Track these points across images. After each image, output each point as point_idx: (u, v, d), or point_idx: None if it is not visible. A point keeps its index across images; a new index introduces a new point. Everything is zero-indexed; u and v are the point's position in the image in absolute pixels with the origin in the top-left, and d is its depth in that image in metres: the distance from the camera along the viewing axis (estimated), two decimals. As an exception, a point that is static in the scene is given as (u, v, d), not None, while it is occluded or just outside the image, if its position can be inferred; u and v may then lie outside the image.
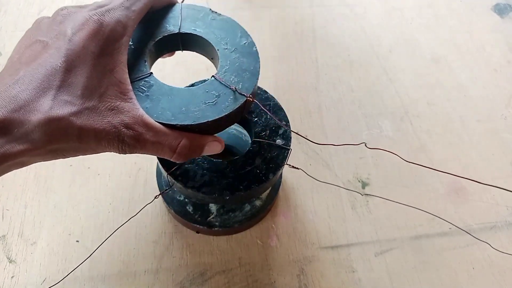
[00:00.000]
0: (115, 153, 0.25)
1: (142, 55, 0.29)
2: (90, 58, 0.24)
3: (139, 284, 0.38)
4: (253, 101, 0.29)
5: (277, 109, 0.37)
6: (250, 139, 0.39)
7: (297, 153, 0.47)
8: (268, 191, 0.42)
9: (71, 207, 0.42)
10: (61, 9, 0.26)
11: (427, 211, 0.43)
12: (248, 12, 0.59)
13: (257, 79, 0.29)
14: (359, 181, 0.46)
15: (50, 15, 0.26)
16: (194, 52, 0.33)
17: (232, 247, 0.41)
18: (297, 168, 0.36)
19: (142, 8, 0.28)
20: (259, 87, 0.36)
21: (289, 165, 0.36)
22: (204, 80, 0.37)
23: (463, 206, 0.45)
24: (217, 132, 0.30)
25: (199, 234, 0.41)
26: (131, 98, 0.26)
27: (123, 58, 0.26)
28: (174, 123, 0.26)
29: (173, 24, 0.31)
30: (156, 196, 0.35)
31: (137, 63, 0.28)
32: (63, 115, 0.22)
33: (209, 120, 0.27)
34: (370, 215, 0.43)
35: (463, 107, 0.52)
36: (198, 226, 0.39)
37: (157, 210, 0.42)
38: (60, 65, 0.23)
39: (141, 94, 0.27)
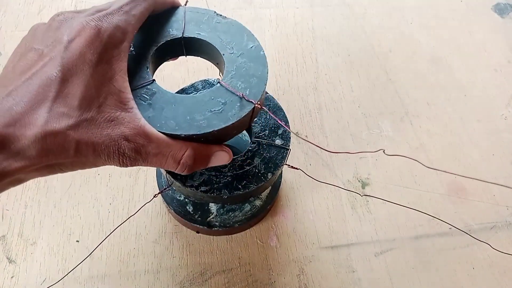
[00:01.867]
0: (116, 166, 0.24)
1: (144, 61, 0.27)
2: (87, 66, 0.23)
3: (139, 284, 0.38)
4: (261, 108, 0.28)
5: (277, 109, 0.37)
6: (249, 138, 0.39)
7: (297, 153, 0.47)
8: (268, 191, 0.42)
9: (71, 207, 0.42)
10: (57, 14, 0.25)
11: (427, 213, 0.43)
12: (248, 12, 0.59)
13: (265, 84, 0.28)
14: (359, 181, 0.46)
15: (48, 19, 0.25)
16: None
17: (232, 247, 0.41)
18: (297, 168, 0.36)
19: (143, 12, 0.26)
20: None
21: (288, 165, 0.36)
22: (206, 81, 0.37)
23: (463, 206, 0.45)
24: (224, 142, 0.29)
25: (199, 234, 0.41)
26: (131, 108, 0.24)
27: (123, 65, 0.25)
28: (178, 133, 0.25)
29: (176, 28, 0.29)
30: (155, 195, 0.35)
31: (138, 69, 0.27)
32: (59, 128, 0.21)
33: (216, 129, 0.25)
34: (370, 215, 0.43)
35: (463, 107, 0.52)
36: (198, 226, 0.39)
37: (157, 210, 0.42)
38: (55, 75, 0.22)
39: (143, 103, 0.26)
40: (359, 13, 0.60)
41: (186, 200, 0.40)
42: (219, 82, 0.28)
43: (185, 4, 0.31)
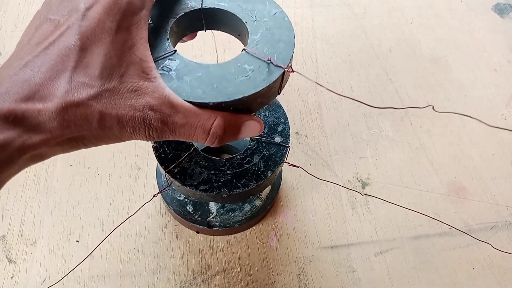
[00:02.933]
0: (142, 140, 0.23)
1: (163, 33, 0.26)
2: (107, 34, 0.21)
3: (139, 284, 0.38)
4: (293, 71, 0.26)
5: (276, 107, 0.37)
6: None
7: (297, 153, 0.47)
8: (268, 191, 0.42)
9: (71, 207, 0.42)
10: None
11: (427, 214, 0.43)
12: (248, 12, 0.59)
13: (293, 49, 0.27)
14: (359, 181, 0.46)
15: None
16: (217, 31, 0.31)
17: (232, 247, 0.41)
18: (297, 166, 0.36)
19: None
20: None
21: (288, 163, 0.36)
22: None
23: (463, 206, 0.45)
24: (254, 112, 0.27)
25: (199, 234, 0.41)
26: (155, 77, 0.23)
27: (143, 33, 0.23)
28: (206, 101, 0.24)
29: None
30: (155, 194, 0.35)
31: (158, 41, 0.26)
32: (81, 99, 0.20)
33: (245, 95, 0.24)
34: (370, 215, 0.43)
35: (463, 107, 0.52)
36: (198, 226, 0.39)
37: (157, 210, 0.42)
38: (74, 43, 0.21)
39: (167, 73, 0.25)
40: (359, 13, 0.60)
41: (186, 200, 0.40)
42: (243, 49, 0.27)
43: None
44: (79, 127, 0.21)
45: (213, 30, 0.31)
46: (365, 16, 0.60)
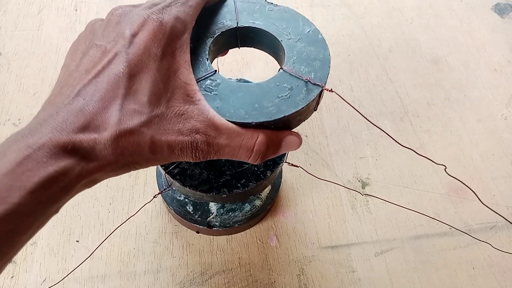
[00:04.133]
0: (188, 160, 0.24)
1: (203, 53, 0.27)
2: (153, 60, 0.22)
3: (139, 284, 0.38)
4: (331, 91, 0.27)
5: None
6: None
7: (297, 153, 0.47)
8: (268, 191, 0.42)
9: (71, 207, 0.42)
10: (115, 9, 0.24)
11: (427, 214, 0.43)
12: (248, 12, 0.59)
13: (329, 67, 0.28)
14: (359, 181, 0.46)
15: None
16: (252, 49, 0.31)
17: (232, 247, 0.41)
18: (296, 166, 0.36)
19: (199, 3, 0.26)
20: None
21: (288, 163, 0.36)
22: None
23: (463, 206, 0.45)
24: (293, 128, 0.28)
25: (199, 234, 0.41)
26: (199, 100, 0.24)
27: (186, 57, 0.24)
28: (249, 121, 0.24)
29: (230, 18, 0.29)
30: (155, 195, 0.35)
31: (199, 62, 0.27)
32: (133, 126, 0.21)
33: (286, 115, 0.25)
34: (370, 215, 0.43)
35: (463, 107, 0.52)
36: (198, 226, 0.39)
37: (157, 210, 0.42)
38: (123, 71, 0.21)
39: (209, 94, 0.25)
40: (359, 13, 0.60)
41: (186, 200, 0.40)
42: (281, 68, 0.27)
43: None
44: (132, 153, 0.21)
45: (247, 48, 0.31)
46: (365, 16, 0.60)
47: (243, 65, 0.53)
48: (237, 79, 0.36)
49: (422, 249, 0.42)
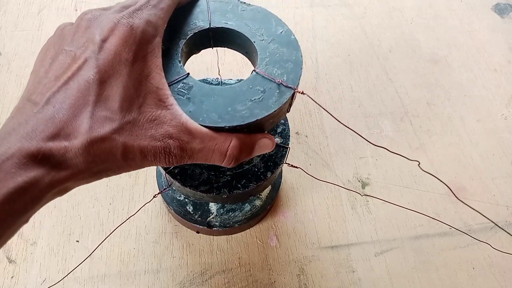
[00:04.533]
0: (161, 166, 0.23)
1: (175, 56, 0.27)
2: (124, 66, 0.22)
3: (139, 284, 0.38)
4: (302, 93, 0.27)
5: None
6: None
7: (297, 153, 0.47)
8: (268, 191, 0.42)
9: (71, 207, 0.42)
10: (85, 13, 0.24)
11: (427, 214, 0.43)
12: (248, 12, 0.59)
13: (301, 69, 0.27)
14: (359, 181, 0.46)
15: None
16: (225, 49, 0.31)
17: (232, 247, 0.41)
18: (296, 167, 0.36)
19: (170, 5, 0.25)
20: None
21: (288, 164, 0.36)
22: (205, 80, 0.37)
23: (463, 206, 0.45)
24: (265, 130, 0.28)
25: (199, 234, 0.41)
26: (171, 104, 0.23)
27: (158, 61, 0.24)
28: (222, 125, 0.24)
29: (202, 19, 0.29)
30: (155, 195, 0.35)
31: (171, 64, 0.26)
32: (104, 133, 0.21)
33: (259, 118, 0.25)
34: (370, 215, 0.43)
35: (463, 107, 0.52)
36: (198, 226, 0.39)
37: (157, 210, 0.42)
38: (93, 77, 0.21)
39: (182, 97, 0.25)
40: (359, 13, 0.60)
41: (186, 200, 0.40)
42: (254, 70, 0.27)
43: None
44: (104, 161, 0.21)
45: (220, 48, 0.31)
46: (365, 16, 0.60)
47: (243, 65, 0.53)
48: (237, 80, 0.36)
49: (422, 249, 0.42)
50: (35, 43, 0.53)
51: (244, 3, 0.30)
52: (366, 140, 0.30)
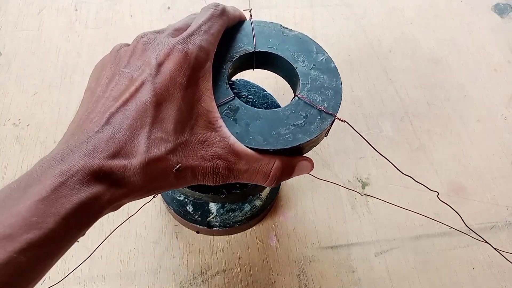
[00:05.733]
0: (208, 184, 0.25)
1: (222, 78, 0.28)
2: (178, 90, 0.23)
3: (139, 284, 0.38)
4: (343, 121, 0.29)
5: (275, 107, 0.37)
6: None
7: (297, 153, 0.47)
8: (268, 191, 0.42)
9: (71, 207, 0.42)
10: (141, 36, 0.25)
11: (427, 215, 0.43)
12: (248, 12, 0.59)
13: (341, 96, 0.29)
14: (359, 181, 0.46)
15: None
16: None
17: (232, 247, 0.41)
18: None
19: (220, 30, 0.27)
20: (257, 85, 0.36)
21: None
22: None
23: (463, 206, 0.45)
24: (305, 153, 0.29)
25: (199, 234, 0.41)
26: (220, 126, 0.25)
27: (209, 85, 0.25)
28: (267, 148, 0.26)
29: (247, 42, 0.30)
30: (155, 195, 0.35)
31: (218, 86, 0.27)
32: (160, 154, 0.22)
33: (301, 143, 0.26)
34: (370, 215, 0.43)
35: (463, 107, 0.52)
36: (198, 226, 0.39)
37: (157, 210, 0.42)
38: (150, 100, 0.22)
39: (229, 119, 0.26)
40: (359, 13, 0.60)
41: (186, 200, 0.40)
42: (296, 95, 0.28)
43: (251, 18, 0.31)
44: (159, 179, 0.22)
45: (261, 69, 0.32)
46: (365, 16, 0.60)
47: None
48: (237, 80, 0.36)
49: (422, 249, 0.42)
50: (35, 43, 0.53)
51: (287, 28, 0.31)
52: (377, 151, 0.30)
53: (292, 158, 0.27)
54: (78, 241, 0.40)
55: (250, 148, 0.25)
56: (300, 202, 0.44)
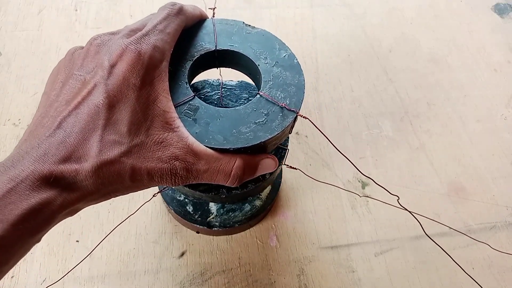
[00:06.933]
0: (168, 186, 0.24)
1: (182, 77, 0.27)
2: (132, 91, 0.22)
3: (139, 284, 0.38)
4: (304, 117, 0.28)
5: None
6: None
7: (297, 153, 0.47)
8: (268, 191, 0.42)
9: (71, 207, 0.42)
10: (94, 38, 0.24)
11: (427, 216, 0.43)
12: (248, 12, 0.59)
13: (303, 93, 0.28)
14: (359, 181, 0.46)
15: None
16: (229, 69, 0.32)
17: (232, 247, 0.41)
18: (295, 168, 0.36)
19: (177, 29, 0.26)
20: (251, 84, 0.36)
21: (287, 165, 0.36)
22: (205, 81, 0.36)
23: (463, 206, 0.45)
24: (268, 151, 0.29)
25: (199, 234, 0.41)
26: (178, 127, 0.24)
27: (165, 85, 0.24)
28: (227, 147, 0.25)
29: (208, 41, 0.29)
30: (155, 194, 0.35)
31: (178, 86, 0.27)
32: (113, 157, 0.21)
33: (262, 141, 0.26)
34: (370, 215, 0.43)
35: (463, 107, 0.52)
36: (198, 226, 0.39)
37: (157, 210, 0.42)
38: (102, 102, 0.22)
39: (188, 119, 0.26)
40: (359, 13, 0.60)
41: (186, 200, 0.40)
42: (258, 93, 0.28)
43: (213, 17, 0.31)
44: (113, 182, 0.22)
45: (225, 68, 0.32)
46: (365, 16, 0.60)
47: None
48: (238, 81, 0.36)
49: (422, 249, 0.42)
50: (35, 43, 0.53)
51: (249, 25, 0.31)
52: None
53: (255, 156, 0.27)
54: (77, 241, 0.40)
55: (210, 147, 0.25)
56: (300, 202, 0.44)
